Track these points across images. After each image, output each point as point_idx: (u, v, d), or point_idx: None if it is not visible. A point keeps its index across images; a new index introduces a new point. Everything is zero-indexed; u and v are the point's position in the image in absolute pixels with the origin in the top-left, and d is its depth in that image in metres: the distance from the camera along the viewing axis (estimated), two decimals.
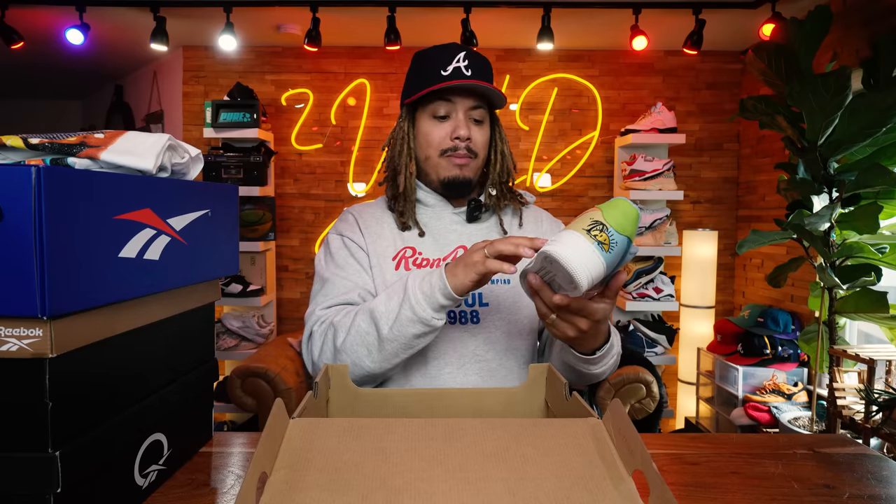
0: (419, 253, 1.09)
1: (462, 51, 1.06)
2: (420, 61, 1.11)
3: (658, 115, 3.18)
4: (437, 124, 1.08)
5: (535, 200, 1.23)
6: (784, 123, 2.25)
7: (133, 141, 0.69)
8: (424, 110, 1.09)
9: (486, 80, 1.07)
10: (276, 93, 3.53)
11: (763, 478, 0.78)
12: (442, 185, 1.10)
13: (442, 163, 1.08)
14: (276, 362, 2.71)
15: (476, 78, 1.04)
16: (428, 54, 1.09)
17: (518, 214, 1.17)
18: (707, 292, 3.24)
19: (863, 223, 2.11)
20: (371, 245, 1.10)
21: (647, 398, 2.63)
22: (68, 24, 2.86)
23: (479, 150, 1.09)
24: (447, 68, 1.04)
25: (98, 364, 0.62)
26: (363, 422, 0.54)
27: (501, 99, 1.09)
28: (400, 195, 1.11)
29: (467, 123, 1.07)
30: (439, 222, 1.12)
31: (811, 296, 2.44)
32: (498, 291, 1.08)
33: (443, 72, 1.04)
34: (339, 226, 1.15)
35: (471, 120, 1.08)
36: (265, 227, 3.24)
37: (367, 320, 0.96)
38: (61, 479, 0.55)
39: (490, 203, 1.14)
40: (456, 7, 2.87)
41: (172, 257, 0.71)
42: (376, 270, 1.08)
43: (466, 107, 1.07)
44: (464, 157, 1.07)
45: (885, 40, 2.08)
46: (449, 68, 1.04)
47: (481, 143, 1.09)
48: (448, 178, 1.09)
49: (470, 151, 1.07)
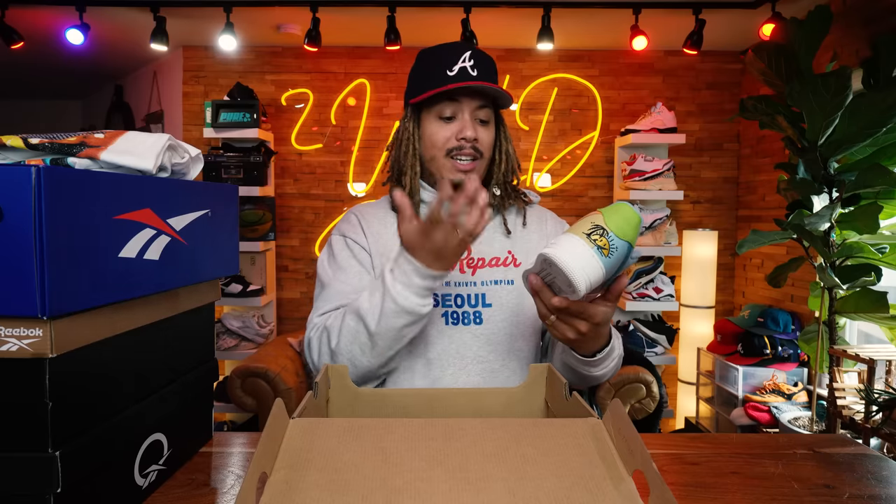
0: None
1: (468, 50, 1.05)
2: (425, 60, 1.10)
3: (658, 115, 3.18)
4: (442, 125, 1.07)
5: (539, 200, 1.23)
6: (784, 123, 2.25)
7: (133, 141, 0.69)
8: (430, 110, 1.08)
9: (492, 79, 1.06)
10: (276, 93, 3.53)
11: (763, 478, 0.78)
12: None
13: (447, 164, 1.08)
14: (276, 362, 2.71)
15: (482, 78, 1.04)
16: (433, 53, 1.09)
17: (522, 213, 1.17)
18: (707, 292, 3.24)
19: (863, 223, 2.11)
20: (374, 246, 1.10)
21: (647, 398, 2.64)
22: (68, 24, 2.86)
23: (485, 151, 1.09)
24: (453, 68, 1.04)
25: (98, 364, 0.62)
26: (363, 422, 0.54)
27: (507, 99, 1.08)
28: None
29: (473, 124, 1.06)
30: None
31: (811, 296, 2.44)
32: (501, 293, 1.08)
33: (448, 72, 1.04)
34: (341, 226, 1.15)
35: (477, 120, 1.07)
36: (265, 227, 3.24)
37: (355, 319, 0.95)
38: (61, 479, 0.55)
39: (494, 202, 1.13)
40: (456, 7, 2.87)
41: (172, 257, 0.71)
42: (378, 271, 1.08)
43: (472, 107, 1.06)
44: (469, 158, 1.07)
45: (885, 40, 2.08)
46: (455, 68, 1.04)
47: (487, 143, 1.09)
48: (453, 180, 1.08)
49: (476, 151, 1.07)
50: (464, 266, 1.09)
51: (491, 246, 1.11)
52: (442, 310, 1.06)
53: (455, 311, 1.06)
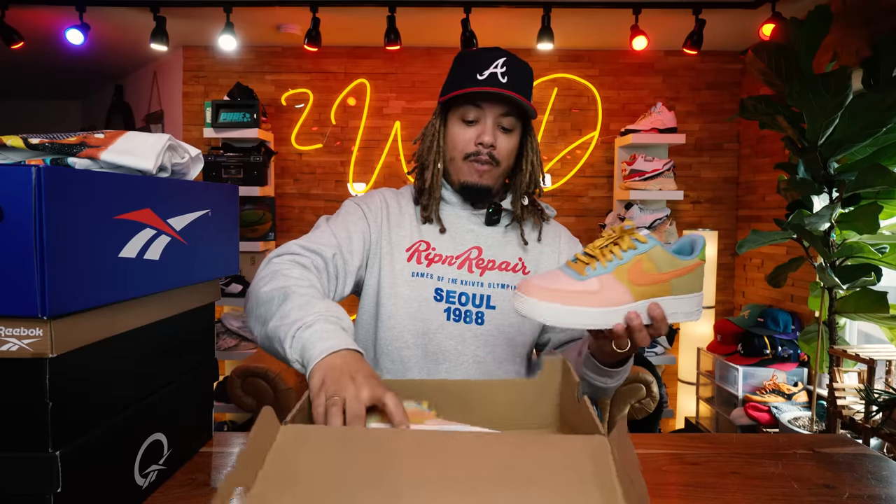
0: (433, 248, 1.10)
1: (502, 56, 1.05)
2: (460, 62, 1.09)
3: (658, 115, 3.18)
4: (464, 128, 1.07)
5: (555, 215, 1.22)
6: (784, 123, 2.25)
7: (133, 141, 0.69)
8: (455, 112, 1.08)
9: (523, 88, 1.05)
10: (276, 93, 3.53)
11: (763, 478, 0.78)
12: (461, 188, 1.10)
13: (464, 167, 1.08)
14: (276, 362, 2.71)
15: (511, 85, 1.03)
16: (468, 56, 1.08)
17: (538, 229, 1.17)
18: (707, 292, 3.24)
19: (863, 223, 2.11)
20: (388, 232, 1.10)
21: (647, 398, 2.63)
22: (68, 24, 2.86)
23: (503, 159, 1.08)
24: (483, 73, 1.03)
25: (98, 364, 0.62)
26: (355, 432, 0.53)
27: (531, 111, 1.08)
28: (426, 190, 1.11)
29: (494, 130, 1.06)
30: (458, 221, 1.13)
31: (811, 296, 2.44)
32: (507, 297, 1.08)
33: (479, 76, 1.03)
34: (363, 198, 1.15)
35: (499, 127, 1.07)
36: (265, 227, 3.24)
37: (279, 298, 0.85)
38: (61, 479, 0.55)
39: (514, 211, 1.13)
40: (456, 7, 2.87)
41: (172, 257, 0.71)
42: (386, 259, 1.08)
43: (496, 114, 1.06)
44: (485, 164, 1.06)
45: (885, 40, 2.08)
46: (486, 73, 1.03)
47: (506, 151, 1.08)
48: (467, 183, 1.08)
49: (492, 159, 1.06)
50: (473, 266, 1.09)
51: (504, 250, 1.12)
52: (445, 305, 1.06)
53: (458, 309, 1.06)
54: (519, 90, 1.04)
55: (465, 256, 1.09)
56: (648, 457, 0.85)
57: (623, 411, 2.63)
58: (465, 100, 1.06)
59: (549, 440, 0.53)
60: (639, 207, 3.15)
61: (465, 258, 1.09)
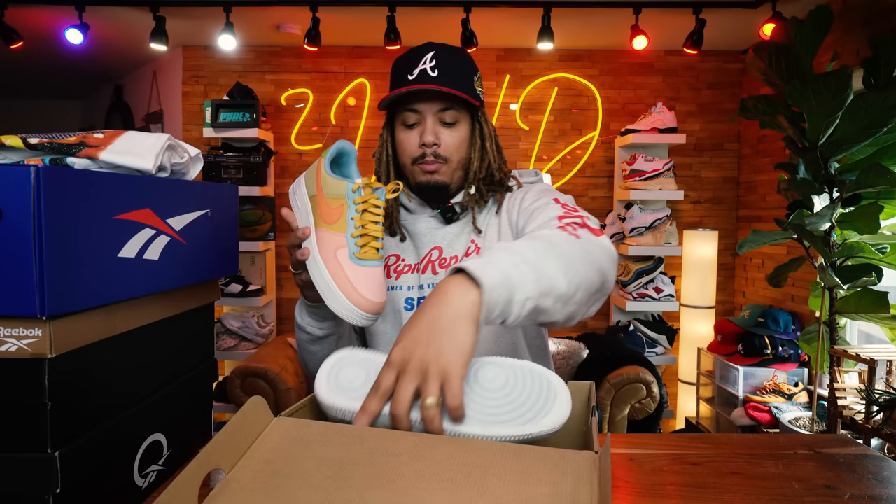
0: (402, 259, 1.09)
1: (431, 51, 1.00)
2: (394, 65, 1.06)
3: (658, 114, 3.18)
4: (408, 132, 1.04)
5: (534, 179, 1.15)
6: (785, 123, 2.25)
7: (132, 141, 0.69)
8: (398, 118, 1.05)
9: (455, 78, 1.00)
10: (275, 93, 3.53)
11: (763, 478, 0.78)
12: (418, 189, 1.08)
13: (416, 170, 1.05)
14: (275, 362, 2.71)
15: (441, 79, 0.98)
16: (400, 57, 1.05)
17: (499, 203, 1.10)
18: (707, 292, 3.24)
19: (863, 223, 2.10)
20: None
21: (647, 398, 2.63)
22: (68, 24, 2.86)
23: (451, 154, 1.04)
24: (413, 72, 0.99)
25: (98, 364, 0.61)
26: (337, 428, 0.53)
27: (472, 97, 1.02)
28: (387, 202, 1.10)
29: (434, 129, 1.02)
30: (417, 226, 1.10)
31: (811, 296, 2.44)
32: None
33: (409, 76, 0.99)
34: None
35: (441, 123, 1.03)
36: (265, 227, 3.24)
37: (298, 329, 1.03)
38: (61, 480, 0.54)
39: (465, 202, 1.08)
40: (456, 7, 2.86)
41: (172, 257, 0.71)
42: None
43: (434, 110, 1.01)
44: (433, 164, 1.03)
45: (885, 40, 2.08)
46: (416, 71, 0.99)
47: (453, 145, 1.04)
48: (421, 183, 1.05)
49: (438, 157, 1.03)
50: (435, 268, 1.06)
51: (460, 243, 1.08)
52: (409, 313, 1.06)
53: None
54: (451, 81, 0.99)
55: (427, 259, 1.07)
56: (648, 457, 0.85)
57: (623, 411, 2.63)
58: (402, 103, 1.03)
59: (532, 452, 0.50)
60: (639, 207, 3.15)
61: (426, 262, 1.07)
